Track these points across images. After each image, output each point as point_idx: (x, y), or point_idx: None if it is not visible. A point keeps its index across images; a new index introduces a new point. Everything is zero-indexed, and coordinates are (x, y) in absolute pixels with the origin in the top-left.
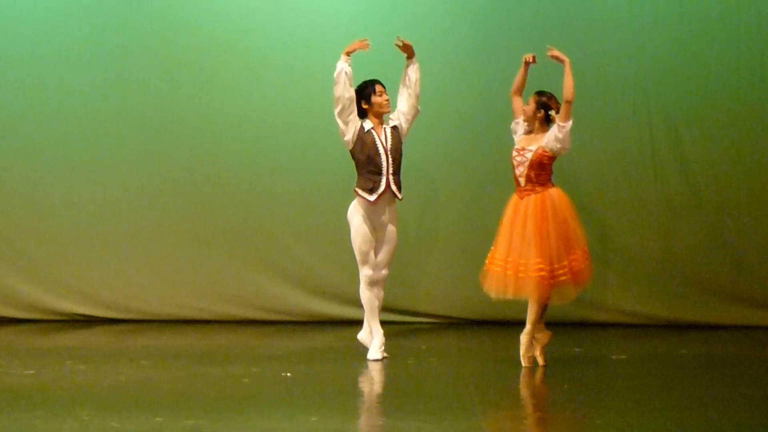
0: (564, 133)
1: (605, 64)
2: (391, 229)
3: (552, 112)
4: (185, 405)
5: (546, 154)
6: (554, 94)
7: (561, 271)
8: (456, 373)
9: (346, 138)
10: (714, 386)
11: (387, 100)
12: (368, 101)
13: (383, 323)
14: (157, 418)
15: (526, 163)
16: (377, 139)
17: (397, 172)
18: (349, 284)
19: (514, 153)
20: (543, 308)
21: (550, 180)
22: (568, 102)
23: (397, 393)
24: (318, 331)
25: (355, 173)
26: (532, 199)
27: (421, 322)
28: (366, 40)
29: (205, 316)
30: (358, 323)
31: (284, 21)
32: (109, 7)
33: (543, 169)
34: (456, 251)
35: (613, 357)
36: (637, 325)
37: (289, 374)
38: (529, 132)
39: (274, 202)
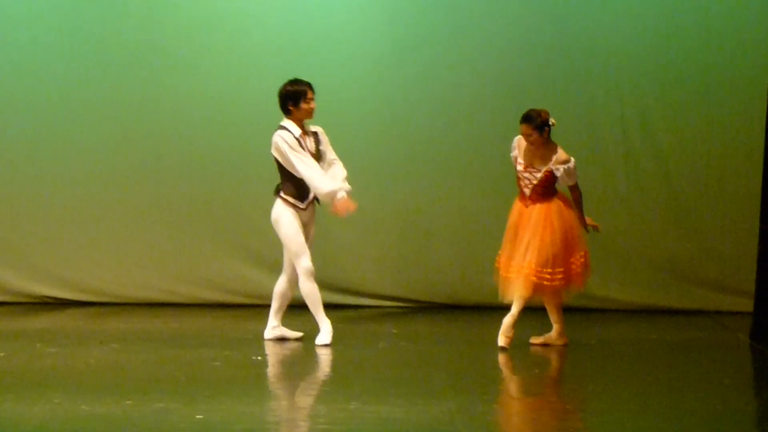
0: (573, 174)
1: (577, 52)
2: (311, 228)
3: (551, 121)
4: (156, 388)
5: (553, 175)
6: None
7: (559, 276)
8: (427, 357)
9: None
10: (684, 371)
11: (313, 108)
12: (296, 104)
13: (356, 307)
14: (128, 401)
15: (534, 181)
16: (306, 148)
17: None
18: (322, 269)
19: (520, 168)
20: (524, 302)
21: (555, 192)
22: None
23: (368, 377)
24: (289, 315)
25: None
26: (536, 207)
27: (392, 306)
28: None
29: (176, 299)
30: (330, 307)
31: (259, 6)
32: None
33: (550, 186)
34: (428, 236)
35: (583, 342)
36: (606, 310)
37: (260, 358)
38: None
39: (247, 186)
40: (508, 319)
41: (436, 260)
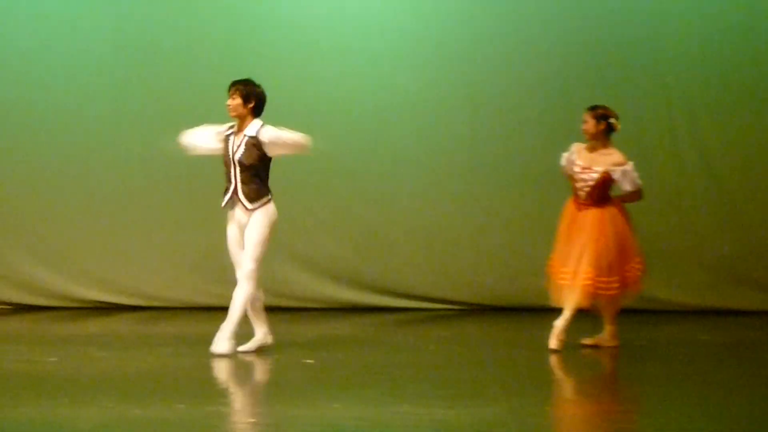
0: (632, 177)
1: (623, 50)
2: (247, 234)
3: (612, 120)
4: (207, 392)
5: (610, 178)
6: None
7: (615, 285)
8: (477, 359)
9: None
10: (736, 372)
11: (228, 104)
12: None
13: (406, 310)
14: (180, 405)
15: (591, 183)
16: (229, 146)
17: (248, 182)
18: (370, 271)
19: (578, 169)
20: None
21: (609, 198)
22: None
23: (419, 380)
24: (337, 317)
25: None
26: (590, 213)
27: (443, 309)
28: None
29: (228, 303)
30: (379, 310)
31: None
32: None
33: (606, 190)
34: (479, 238)
35: (635, 343)
36: (657, 311)
37: (311, 361)
38: (591, 149)
39: (290, 187)
40: (560, 323)
41: (486, 262)
